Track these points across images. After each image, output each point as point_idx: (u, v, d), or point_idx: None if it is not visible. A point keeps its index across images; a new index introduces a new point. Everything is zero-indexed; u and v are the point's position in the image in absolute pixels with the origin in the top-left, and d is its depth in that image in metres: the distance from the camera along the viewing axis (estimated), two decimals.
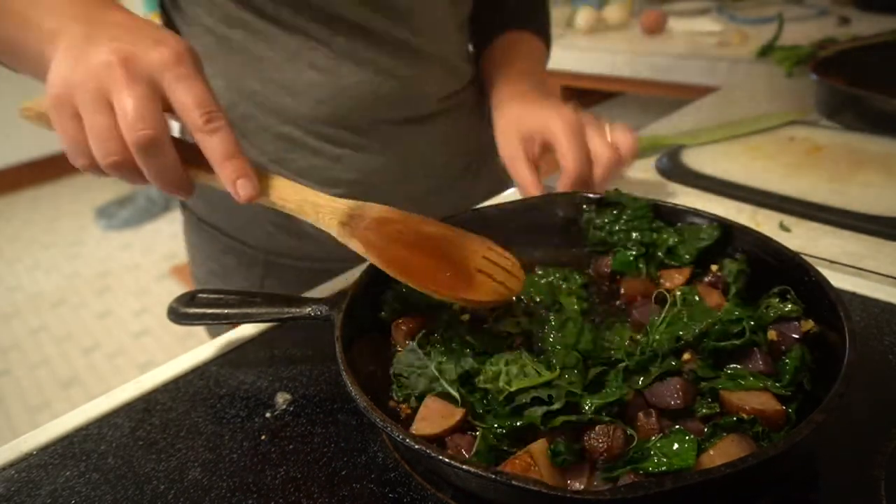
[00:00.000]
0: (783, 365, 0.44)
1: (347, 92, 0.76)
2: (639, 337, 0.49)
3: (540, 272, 0.59)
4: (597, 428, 0.40)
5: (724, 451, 0.38)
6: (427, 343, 0.49)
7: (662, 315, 0.48)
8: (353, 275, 0.70)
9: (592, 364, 0.46)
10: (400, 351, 0.50)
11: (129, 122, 0.43)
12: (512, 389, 0.42)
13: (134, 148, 0.44)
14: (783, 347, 0.45)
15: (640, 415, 0.42)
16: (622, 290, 0.57)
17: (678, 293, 0.50)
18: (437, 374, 0.46)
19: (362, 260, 0.49)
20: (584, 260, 0.62)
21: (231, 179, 0.47)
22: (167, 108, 0.46)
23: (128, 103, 0.43)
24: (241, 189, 0.47)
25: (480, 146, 0.94)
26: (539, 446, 0.39)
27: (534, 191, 0.70)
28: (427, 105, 0.83)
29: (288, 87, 0.76)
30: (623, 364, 0.45)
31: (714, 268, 0.56)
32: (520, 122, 0.74)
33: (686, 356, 0.45)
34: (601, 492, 0.34)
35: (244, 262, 0.87)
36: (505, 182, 0.90)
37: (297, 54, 0.74)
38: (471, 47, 0.94)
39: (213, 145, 0.46)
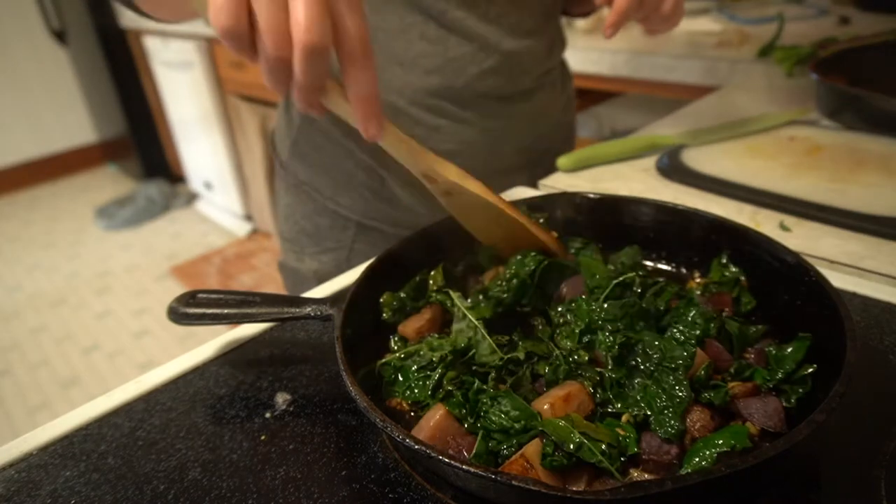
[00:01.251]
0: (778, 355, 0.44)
1: (454, 64, 0.80)
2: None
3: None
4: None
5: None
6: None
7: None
8: (353, 275, 0.70)
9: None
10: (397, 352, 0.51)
11: (303, 26, 0.44)
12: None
13: (300, 51, 0.45)
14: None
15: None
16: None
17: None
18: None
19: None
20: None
21: (366, 116, 0.49)
22: None
23: (305, 7, 0.44)
24: (372, 128, 0.49)
25: (563, 126, 1.01)
26: (533, 448, 0.39)
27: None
28: (526, 81, 0.87)
29: (398, 57, 0.79)
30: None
31: (697, 276, 0.56)
32: None
33: None
34: (601, 492, 0.34)
35: (338, 225, 0.91)
36: None
37: (411, 26, 0.78)
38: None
39: (362, 80, 0.47)
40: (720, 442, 0.39)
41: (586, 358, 0.47)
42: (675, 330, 0.47)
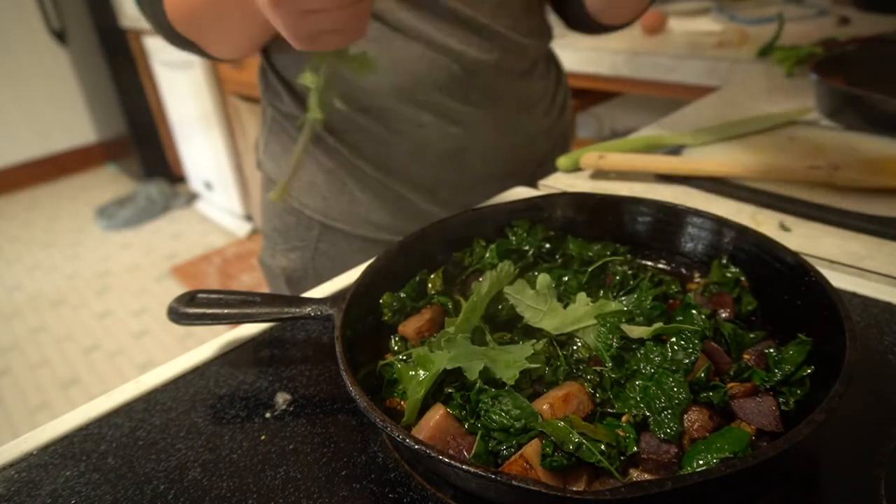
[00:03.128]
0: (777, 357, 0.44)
1: (401, 65, 0.78)
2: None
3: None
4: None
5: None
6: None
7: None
8: (353, 275, 0.70)
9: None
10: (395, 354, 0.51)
11: None
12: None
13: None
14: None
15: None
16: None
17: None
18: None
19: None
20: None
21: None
22: None
23: None
24: None
25: (552, 135, 0.98)
26: (533, 448, 0.39)
27: None
28: (487, 83, 0.84)
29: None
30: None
31: (697, 276, 0.56)
32: None
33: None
34: (601, 492, 0.34)
35: (303, 224, 0.92)
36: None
37: None
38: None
39: None
40: (719, 446, 0.39)
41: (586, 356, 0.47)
42: (675, 339, 0.47)
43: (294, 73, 0.85)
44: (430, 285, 0.58)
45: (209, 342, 0.60)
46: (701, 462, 0.39)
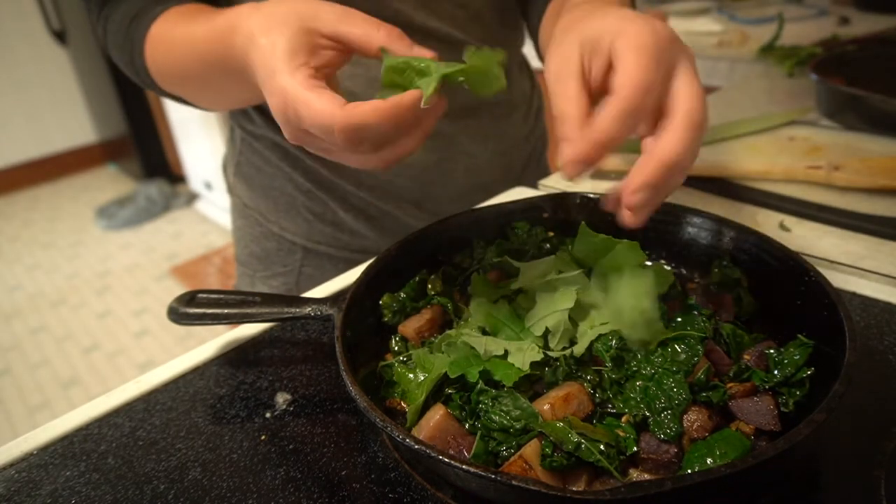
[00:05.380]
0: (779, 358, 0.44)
1: (374, 84, 0.76)
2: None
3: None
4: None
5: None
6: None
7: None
8: (353, 275, 0.70)
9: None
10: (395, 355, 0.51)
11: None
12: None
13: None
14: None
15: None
16: None
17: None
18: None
19: None
20: None
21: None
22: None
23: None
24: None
25: (530, 141, 0.95)
26: (532, 448, 0.39)
27: (574, 124, 0.44)
28: (463, 95, 0.81)
29: None
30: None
31: (697, 276, 0.57)
32: (583, 24, 0.48)
33: None
34: (601, 492, 0.34)
35: (284, 248, 0.89)
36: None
37: None
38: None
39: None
40: (721, 453, 0.38)
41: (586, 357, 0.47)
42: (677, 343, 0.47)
43: None
44: (429, 286, 0.58)
45: (209, 342, 0.60)
46: (701, 462, 0.39)
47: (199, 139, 3.45)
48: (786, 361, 0.44)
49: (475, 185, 0.88)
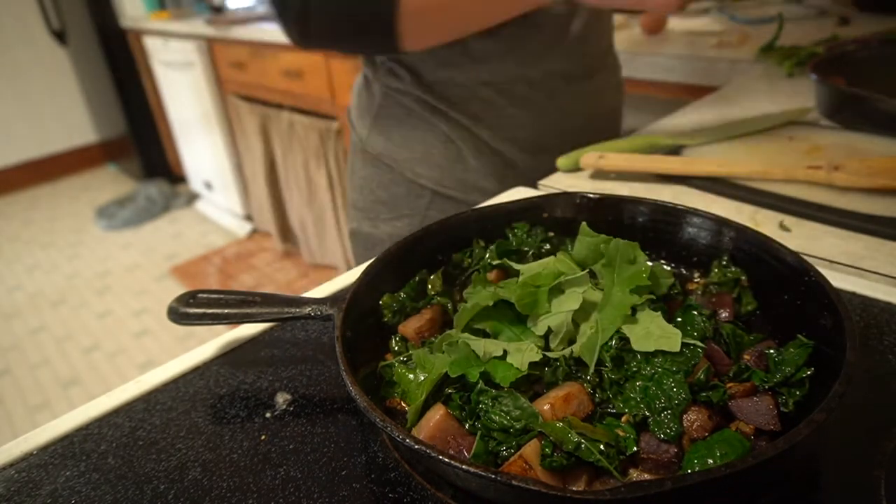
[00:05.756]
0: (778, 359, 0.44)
1: (538, 51, 0.91)
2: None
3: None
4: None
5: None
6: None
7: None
8: (353, 274, 0.70)
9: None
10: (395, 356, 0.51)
11: None
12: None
13: None
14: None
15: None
16: None
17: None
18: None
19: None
20: None
21: None
22: None
23: None
24: None
25: (615, 110, 1.12)
26: (532, 448, 0.39)
27: None
28: (592, 60, 0.99)
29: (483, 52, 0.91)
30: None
31: (697, 276, 0.56)
32: None
33: None
34: (601, 492, 0.34)
35: (413, 193, 0.99)
36: None
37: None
38: None
39: None
40: (722, 454, 0.38)
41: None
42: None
43: (420, 61, 0.93)
44: (429, 286, 0.58)
45: (209, 342, 0.60)
46: (701, 462, 0.39)
47: (199, 139, 3.45)
48: (786, 361, 0.44)
49: (577, 142, 0.97)
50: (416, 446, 0.37)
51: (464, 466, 0.35)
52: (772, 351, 0.45)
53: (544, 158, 0.98)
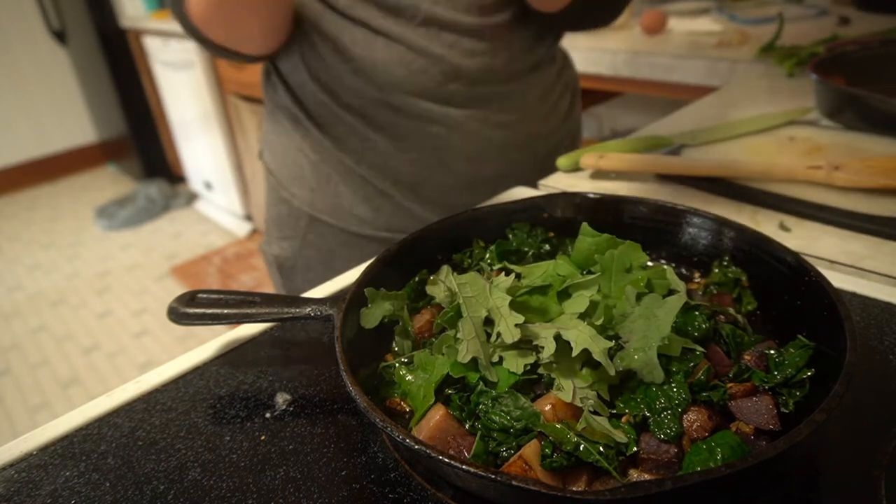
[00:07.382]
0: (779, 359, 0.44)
1: (379, 67, 0.80)
2: None
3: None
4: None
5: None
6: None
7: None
8: (353, 275, 0.70)
9: None
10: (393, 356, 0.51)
11: None
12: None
13: None
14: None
15: None
16: None
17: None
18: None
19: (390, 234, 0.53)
20: None
21: None
22: None
23: None
24: None
25: (551, 143, 0.98)
26: (532, 449, 0.39)
27: None
28: (472, 85, 0.84)
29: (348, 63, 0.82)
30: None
31: (697, 276, 0.56)
32: None
33: None
34: (601, 492, 0.33)
35: (293, 214, 0.95)
36: None
37: (343, 29, 0.80)
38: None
39: None
40: (720, 454, 0.38)
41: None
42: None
43: (291, 71, 0.87)
44: (429, 286, 0.58)
45: (209, 342, 0.60)
46: (701, 463, 0.39)
47: (199, 139, 3.45)
48: (786, 362, 0.44)
49: (480, 178, 0.89)
50: (416, 446, 0.37)
51: (464, 467, 0.35)
52: (772, 351, 0.45)
53: (437, 198, 0.87)
